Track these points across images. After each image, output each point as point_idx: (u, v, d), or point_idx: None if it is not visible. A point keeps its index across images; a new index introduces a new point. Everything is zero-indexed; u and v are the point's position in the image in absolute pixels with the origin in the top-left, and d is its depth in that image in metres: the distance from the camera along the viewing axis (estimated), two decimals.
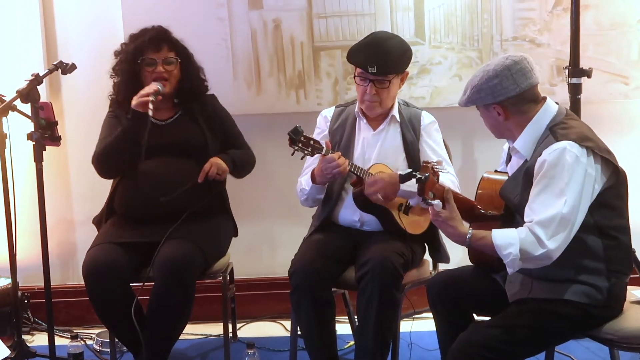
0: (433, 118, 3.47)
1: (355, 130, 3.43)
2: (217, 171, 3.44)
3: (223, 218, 3.61)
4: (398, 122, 3.40)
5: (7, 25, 4.15)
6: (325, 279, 3.16)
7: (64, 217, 4.28)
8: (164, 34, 3.53)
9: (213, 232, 3.47)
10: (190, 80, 3.55)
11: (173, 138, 3.49)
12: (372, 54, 3.25)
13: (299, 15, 4.08)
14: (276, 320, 4.25)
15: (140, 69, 3.47)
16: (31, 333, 4.17)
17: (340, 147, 3.40)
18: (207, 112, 3.60)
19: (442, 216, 2.65)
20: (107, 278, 3.25)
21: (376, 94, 3.29)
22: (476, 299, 2.88)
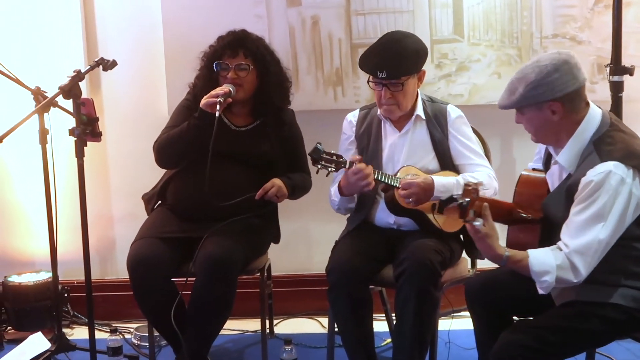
0: (460, 112, 3.42)
1: (381, 134, 3.40)
2: (276, 193, 3.44)
3: (269, 222, 3.62)
4: (424, 121, 3.36)
5: (48, 22, 4.20)
6: (363, 276, 3.16)
7: (102, 213, 4.33)
8: (241, 40, 3.48)
9: (254, 231, 3.48)
10: (266, 93, 3.50)
11: (244, 147, 3.47)
12: (381, 59, 3.22)
13: (337, 12, 4.08)
14: (312, 316, 4.27)
15: (217, 72, 3.47)
16: (70, 326, 4.23)
17: (368, 151, 3.39)
18: (283, 131, 3.57)
19: (481, 233, 2.59)
20: (151, 272, 3.28)
21: (392, 97, 3.26)
22: (516, 302, 2.84)
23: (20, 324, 4.08)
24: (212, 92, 3.33)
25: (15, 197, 4.36)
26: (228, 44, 3.46)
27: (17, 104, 4.04)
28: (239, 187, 3.42)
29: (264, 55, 3.50)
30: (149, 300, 3.35)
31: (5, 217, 4.31)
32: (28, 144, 3.87)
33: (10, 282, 4.07)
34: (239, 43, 3.47)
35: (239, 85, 3.43)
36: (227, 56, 3.45)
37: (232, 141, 3.43)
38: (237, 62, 3.44)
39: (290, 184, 3.50)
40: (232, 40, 3.47)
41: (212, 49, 3.52)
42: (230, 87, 3.37)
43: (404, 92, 3.26)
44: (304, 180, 3.64)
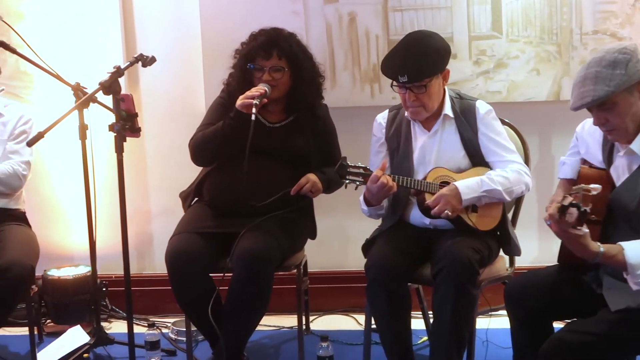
0: (488, 107, 3.35)
1: (410, 135, 3.37)
2: (311, 188, 3.44)
3: (305, 218, 3.62)
4: (452, 119, 3.32)
5: (88, 19, 4.25)
6: (401, 274, 3.15)
7: (140, 208, 4.37)
8: (275, 40, 3.45)
9: (291, 228, 3.48)
10: (300, 90, 3.50)
11: (278, 143, 3.48)
12: (402, 62, 3.17)
13: (374, 9, 4.07)
14: (348, 313, 4.27)
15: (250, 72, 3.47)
16: (108, 320, 4.28)
17: (398, 154, 3.37)
18: (317, 126, 3.57)
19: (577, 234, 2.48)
20: (189, 267, 3.30)
21: (416, 100, 3.22)
22: (560, 305, 2.79)
23: (59, 317, 4.13)
24: (248, 93, 3.33)
25: (54, 192, 4.42)
26: (261, 45, 3.44)
27: (56, 100, 4.11)
28: (274, 183, 3.43)
29: (297, 55, 3.48)
30: (186, 295, 3.37)
31: (44, 212, 4.36)
32: (66, 140, 3.93)
33: (50, 276, 4.13)
34: (272, 44, 3.44)
35: (274, 86, 3.42)
36: (261, 57, 3.44)
37: (266, 138, 3.44)
38: (271, 63, 3.43)
39: (324, 179, 3.50)
40: (266, 41, 3.45)
41: (245, 48, 3.51)
42: (266, 87, 3.37)
43: (429, 93, 3.21)
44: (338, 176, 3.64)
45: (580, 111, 2.63)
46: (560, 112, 4.09)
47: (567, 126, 3.97)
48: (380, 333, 3.19)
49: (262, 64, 3.43)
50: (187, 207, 3.67)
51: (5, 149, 3.75)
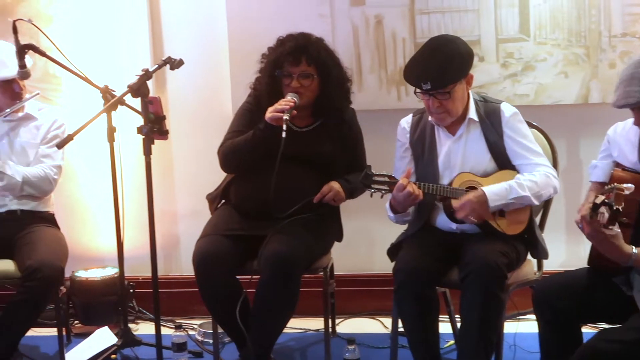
0: (514, 109, 3.33)
1: (435, 140, 3.36)
2: (334, 197, 3.44)
3: (331, 220, 3.62)
4: (477, 122, 3.30)
5: (115, 22, 4.28)
6: (430, 277, 3.14)
7: (167, 210, 4.39)
8: (303, 46, 3.42)
9: (319, 231, 3.48)
10: (328, 96, 3.49)
11: (304, 148, 3.47)
12: (424, 69, 3.16)
13: (401, 12, 4.06)
14: (374, 316, 4.26)
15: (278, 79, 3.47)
16: (136, 322, 4.30)
17: (423, 159, 3.36)
18: (344, 131, 3.56)
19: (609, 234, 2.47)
20: (216, 268, 3.32)
21: (440, 106, 3.20)
22: (589, 308, 2.77)
23: (87, 318, 4.17)
24: (277, 105, 3.31)
25: (82, 194, 4.45)
26: (290, 52, 3.42)
27: (84, 102, 4.14)
28: (299, 188, 3.44)
29: (325, 61, 3.46)
30: (213, 297, 3.39)
31: (72, 214, 4.40)
32: (94, 142, 3.95)
33: (78, 277, 4.16)
34: (301, 50, 3.42)
35: (302, 93, 3.41)
36: (289, 64, 3.43)
37: (293, 142, 3.40)
38: (299, 70, 3.42)
39: (348, 188, 3.49)
40: (294, 47, 3.43)
41: (273, 53, 3.49)
42: (295, 98, 3.36)
43: (453, 99, 3.20)
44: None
45: (609, 114, 2.62)
46: (588, 115, 4.06)
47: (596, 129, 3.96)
48: (408, 337, 3.19)
49: (290, 71, 3.43)
50: (214, 209, 3.68)
51: (37, 152, 3.79)
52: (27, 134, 3.82)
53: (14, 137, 3.80)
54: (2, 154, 3.75)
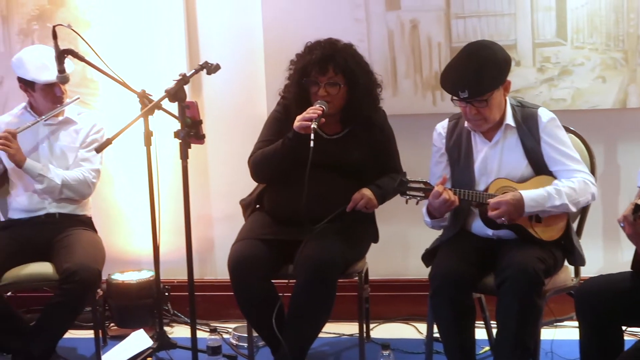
0: (551, 114, 3.29)
1: (471, 146, 3.34)
2: (365, 205, 3.43)
3: (366, 223, 3.61)
4: (514, 128, 3.27)
5: (152, 27, 4.32)
6: (466, 283, 3.13)
7: (203, 214, 4.41)
8: (331, 55, 3.40)
9: (354, 235, 3.48)
10: (355, 104, 3.47)
11: (334, 155, 3.46)
12: (461, 77, 3.13)
13: (436, 16, 4.05)
14: (408, 322, 4.24)
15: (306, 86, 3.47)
16: (170, 325, 4.33)
17: (459, 165, 3.34)
18: (374, 134, 3.55)
19: None
20: (251, 273, 3.34)
21: (478, 113, 3.18)
22: (632, 311, 2.74)
23: (122, 321, 4.20)
24: (305, 114, 3.31)
25: (118, 197, 4.49)
26: (317, 60, 3.40)
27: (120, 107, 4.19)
28: (332, 195, 3.43)
29: (353, 70, 3.44)
30: (248, 301, 3.40)
31: (108, 217, 4.43)
32: (130, 146, 3.98)
33: (114, 280, 4.20)
34: (328, 58, 3.40)
35: (329, 101, 3.40)
36: (317, 72, 3.41)
37: (323, 150, 3.39)
38: (327, 78, 3.41)
39: (379, 194, 3.48)
40: (321, 55, 3.41)
41: (301, 61, 3.48)
42: (323, 106, 3.36)
43: (490, 106, 3.18)
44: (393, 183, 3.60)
45: None
46: (626, 119, 4.02)
47: (634, 134, 3.94)
48: (443, 343, 3.17)
49: (317, 79, 3.42)
50: (247, 215, 3.69)
51: (77, 156, 3.83)
52: (67, 138, 3.87)
53: (54, 140, 3.85)
54: (42, 157, 3.81)
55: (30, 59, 3.74)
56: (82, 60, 3.59)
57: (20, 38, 4.36)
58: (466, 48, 3.22)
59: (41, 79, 3.72)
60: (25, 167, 3.68)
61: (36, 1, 4.33)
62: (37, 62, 3.72)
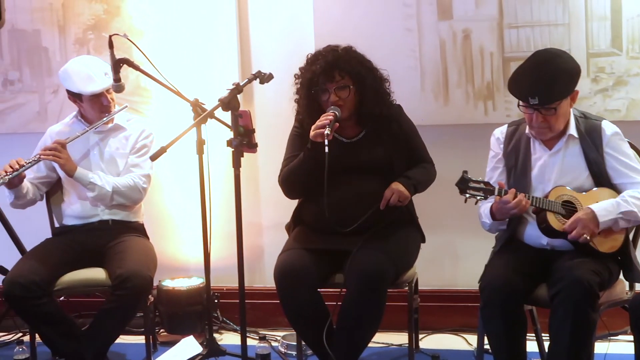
0: (615, 128, 3.28)
1: (530, 152, 3.31)
2: (398, 198, 3.43)
3: (411, 229, 3.60)
4: (576, 139, 3.25)
5: (205, 37, 4.36)
6: (517, 295, 3.09)
7: (253, 222, 4.43)
8: (334, 62, 3.44)
9: (402, 244, 3.48)
10: (367, 104, 3.49)
11: (358, 157, 3.50)
12: (532, 84, 3.12)
13: (489, 26, 4.02)
14: (458, 333, 4.21)
15: (317, 96, 3.50)
16: (219, 332, 4.35)
17: (516, 170, 3.32)
18: (393, 129, 3.55)
19: None
20: (297, 283, 3.34)
21: (544, 121, 3.17)
22: None
23: (172, 327, 4.24)
24: (318, 122, 3.33)
25: (168, 204, 4.54)
26: (322, 70, 3.44)
27: (172, 115, 4.24)
28: (365, 196, 3.44)
29: (358, 71, 3.46)
30: (295, 311, 3.40)
31: (159, 224, 4.47)
32: (181, 154, 4.02)
33: (165, 286, 4.24)
34: (332, 66, 3.43)
35: (342, 105, 3.43)
36: (324, 80, 3.44)
37: (347, 154, 3.46)
38: (335, 84, 3.43)
39: (409, 184, 3.47)
40: (325, 64, 3.44)
41: (306, 74, 3.51)
42: (336, 111, 3.38)
43: (557, 115, 3.16)
44: (425, 172, 3.61)
45: None
46: None
47: None
48: (494, 355, 3.15)
49: (326, 87, 3.44)
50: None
51: (127, 162, 3.88)
52: (117, 144, 3.92)
53: (104, 147, 3.91)
54: (93, 164, 3.86)
55: (76, 71, 3.80)
56: (137, 69, 3.63)
57: (76, 47, 4.44)
58: (537, 55, 3.22)
59: (87, 90, 3.77)
60: (76, 176, 3.75)
61: (92, 11, 4.41)
62: (82, 73, 3.77)
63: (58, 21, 4.45)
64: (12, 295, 3.50)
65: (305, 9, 4.25)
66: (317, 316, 3.35)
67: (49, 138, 3.91)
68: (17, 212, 4.05)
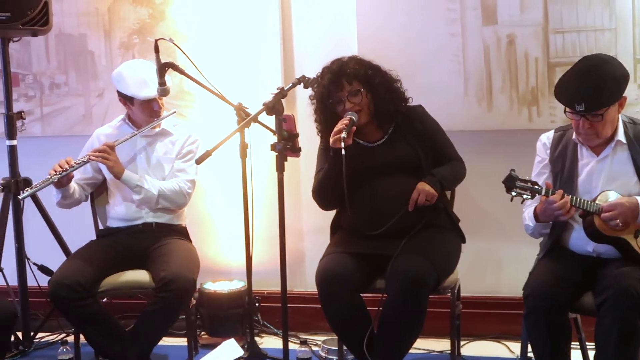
0: None
1: (577, 158, 3.28)
2: (425, 198, 3.42)
3: (451, 233, 3.59)
4: (625, 145, 3.21)
5: (248, 41, 4.39)
6: (562, 303, 3.06)
7: (294, 226, 4.43)
8: (339, 71, 3.51)
9: (443, 248, 3.47)
10: (382, 103, 3.52)
11: (385, 158, 3.52)
12: (579, 90, 3.08)
13: (534, 31, 3.99)
14: (499, 340, 4.17)
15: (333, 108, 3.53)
16: (260, 335, 4.36)
17: (562, 176, 3.28)
18: (416, 128, 3.57)
19: None
20: (339, 287, 3.34)
21: (591, 127, 3.13)
22: None
23: (213, 330, 4.26)
24: (335, 128, 3.36)
25: (209, 207, 4.57)
26: (330, 82, 3.50)
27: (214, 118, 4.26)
28: (397, 196, 3.44)
29: (365, 73, 3.51)
30: (337, 315, 3.40)
31: (200, 227, 4.50)
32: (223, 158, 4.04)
33: (206, 289, 4.26)
34: (338, 74, 3.49)
35: (359, 110, 3.46)
36: (334, 91, 3.49)
37: (373, 157, 3.50)
38: (346, 92, 3.47)
39: (435, 181, 3.46)
40: (332, 77, 3.50)
41: (318, 90, 3.55)
42: (352, 116, 3.41)
43: (604, 121, 3.13)
44: (452, 169, 3.59)
45: None
46: None
47: None
48: None
49: (339, 96, 3.48)
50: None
51: (173, 166, 3.92)
52: (163, 149, 3.96)
53: (151, 151, 3.95)
54: (139, 168, 3.90)
55: (131, 75, 3.84)
56: (182, 74, 3.66)
57: (121, 51, 4.49)
58: (584, 61, 3.19)
59: (141, 94, 3.82)
60: (123, 178, 3.79)
61: (137, 15, 4.45)
62: (137, 78, 3.82)
63: (104, 25, 4.50)
64: (58, 296, 3.54)
65: (348, 13, 4.25)
66: (359, 320, 3.35)
67: (96, 140, 3.96)
68: (62, 214, 4.12)
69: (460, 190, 3.76)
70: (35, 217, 4.24)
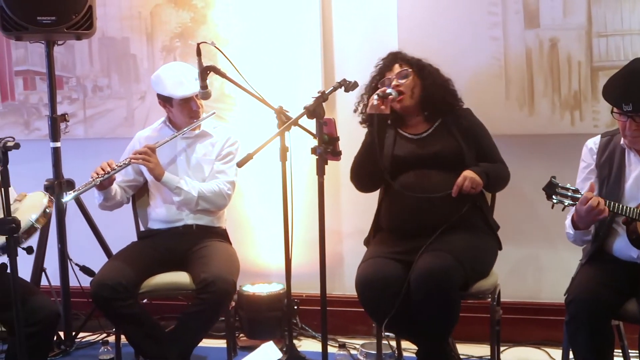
0: None
1: (624, 163, 3.24)
2: (471, 185, 3.40)
3: (485, 234, 3.56)
4: None
5: (289, 45, 4.40)
6: (605, 309, 3.03)
7: (333, 229, 4.42)
8: (393, 56, 3.69)
9: (473, 247, 3.43)
10: (431, 93, 3.59)
11: (429, 150, 3.54)
12: (627, 90, 3.05)
13: (577, 34, 3.94)
14: (540, 346, 4.13)
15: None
16: (298, 338, 4.37)
17: (609, 182, 3.24)
18: (463, 125, 3.60)
19: None
20: (379, 294, 3.35)
21: (637, 129, 3.10)
22: None
23: (252, 332, 4.28)
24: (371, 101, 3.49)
25: (248, 210, 4.58)
26: (384, 67, 3.67)
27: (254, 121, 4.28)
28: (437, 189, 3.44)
29: (418, 60, 3.65)
30: (379, 317, 3.39)
31: (240, 229, 4.52)
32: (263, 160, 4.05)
33: (245, 291, 4.28)
34: (392, 59, 3.67)
35: (403, 93, 3.54)
36: (385, 71, 3.66)
37: (417, 148, 3.55)
38: (396, 71, 3.61)
39: (481, 171, 3.45)
40: (386, 61, 3.68)
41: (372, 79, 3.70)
42: (390, 90, 3.51)
43: None
44: (497, 169, 3.58)
45: None
46: None
47: None
48: None
49: (388, 76, 3.62)
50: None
51: (212, 168, 3.94)
52: (203, 150, 3.98)
53: (191, 153, 3.97)
54: (179, 169, 3.93)
55: (167, 76, 3.88)
56: (224, 77, 3.67)
57: (162, 55, 4.54)
58: (633, 63, 3.18)
59: (177, 94, 3.85)
60: (164, 180, 3.82)
61: (179, 19, 4.49)
62: (174, 78, 3.86)
63: (146, 29, 4.55)
64: (100, 296, 3.58)
65: (388, 16, 4.24)
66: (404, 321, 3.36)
67: (137, 143, 4.00)
68: (104, 216, 4.17)
69: (501, 194, 3.73)
70: (78, 218, 4.29)
